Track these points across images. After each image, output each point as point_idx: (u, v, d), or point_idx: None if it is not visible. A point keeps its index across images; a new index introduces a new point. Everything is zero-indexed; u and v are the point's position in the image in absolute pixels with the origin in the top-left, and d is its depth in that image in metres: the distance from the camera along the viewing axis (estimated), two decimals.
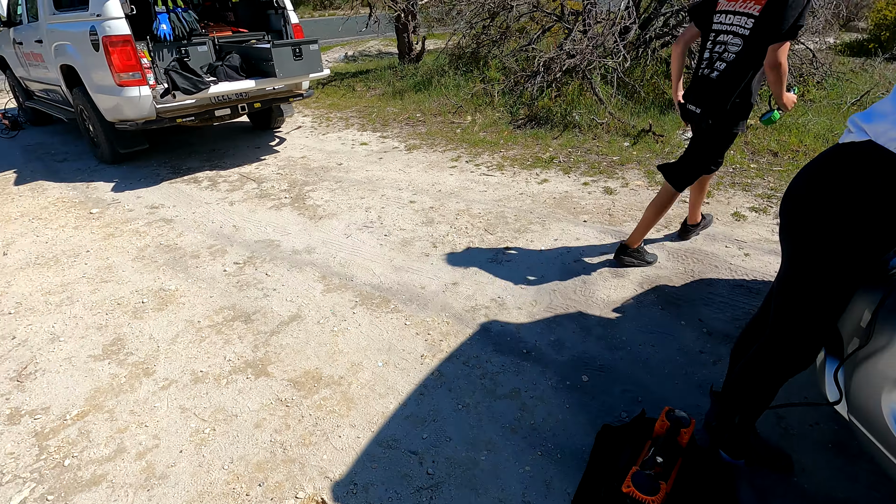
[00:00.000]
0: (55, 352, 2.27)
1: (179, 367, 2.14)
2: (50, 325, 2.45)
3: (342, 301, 2.57)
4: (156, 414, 1.91)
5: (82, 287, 2.78)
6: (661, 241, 2.97)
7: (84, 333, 2.39)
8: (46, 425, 1.87)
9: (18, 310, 2.59)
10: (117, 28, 3.77)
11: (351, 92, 7.60)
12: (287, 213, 3.65)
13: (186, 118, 4.20)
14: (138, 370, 2.14)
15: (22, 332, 2.42)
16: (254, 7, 5.23)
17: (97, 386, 2.06)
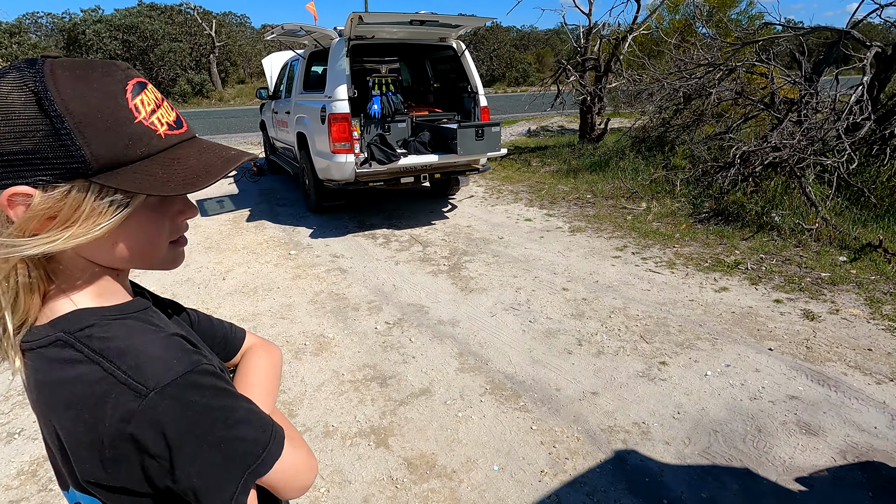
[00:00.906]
0: None
1: (316, 417, 2.33)
2: None
3: (473, 385, 2.53)
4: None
5: (266, 319, 3.27)
6: (877, 395, 2.30)
7: None
8: None
9: None
10: (340, 108, 4.57)
11: (526, 166, 7.87)
12: (442, 280, 3.82)
13: (377, 183, 4.82)
14: (284, 410, 2.38)
15: None
16: (451, 91, 5.86)
17: None
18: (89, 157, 0.49)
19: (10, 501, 1.89)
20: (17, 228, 0.49)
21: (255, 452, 0.56)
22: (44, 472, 2.02)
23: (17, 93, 0.47)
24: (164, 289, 3.74)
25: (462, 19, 4.71)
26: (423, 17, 4.51)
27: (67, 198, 0.49)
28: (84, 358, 0.51)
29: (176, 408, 0.51)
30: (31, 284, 0.52)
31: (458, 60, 5.35)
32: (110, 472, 0.52)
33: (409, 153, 4.87)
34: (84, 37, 23.02)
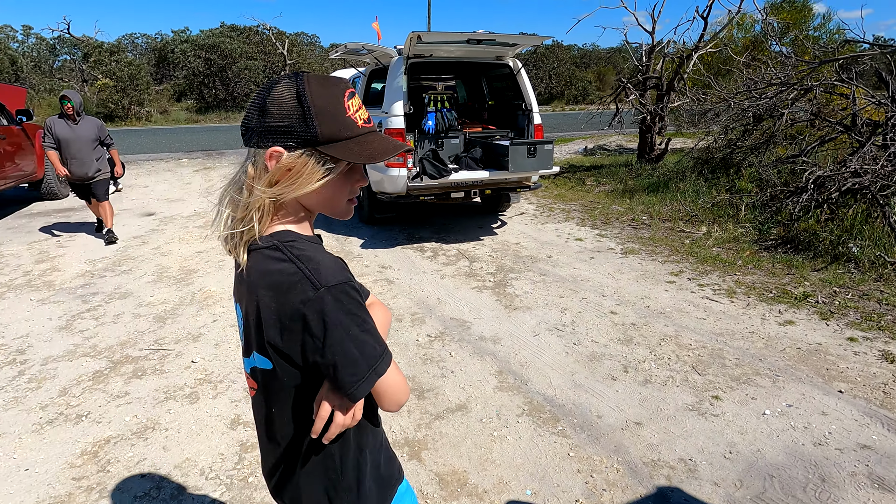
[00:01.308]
0: None
1: None
2: None
3: (510, 404, 2.48)
4: None
5: None
6: None
7: None
8: (249, 439, 2.27)
9: None
10: (396, 123, 4.71)
11: (580, 185, 7.72)
12: (486, 296, 3.80)
13: (428, 197, 4.89)
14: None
15: None
16: (505, 108, 5.89)
17: None
18: (319, 134, 0.78)
19: (73, 478, 2.05)
20: (270, 175, 0.79)
21: (376, 356, 0.79)
22: (103, 454, 2.18)
23: (288, 91, 0.78)
24: (223, 289, 3.96)
25: (519, 38, 4.74)
26: (481, 36, 4.58)
27: (300, 158, 0.79)
28: (286, 258, 0.78)
29: (334, 303, 0.75)
30: (266, 214, 0.81)
31: (513, 78, 5.37)
32: (284, 340, 0.78)
33: (461, 169, 4.92)
34: (172, 55, 25.14)
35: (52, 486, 2.01)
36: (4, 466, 2.11)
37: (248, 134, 0.82)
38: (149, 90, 22.11)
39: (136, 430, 2.34)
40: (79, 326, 3.39)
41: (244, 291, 0.83)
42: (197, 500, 1.94)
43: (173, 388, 2.67)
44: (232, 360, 2.93)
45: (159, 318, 3.50)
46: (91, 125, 4.98)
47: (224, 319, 3.45)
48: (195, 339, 3.19)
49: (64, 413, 2.47)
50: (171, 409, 2.49)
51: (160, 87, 25.60)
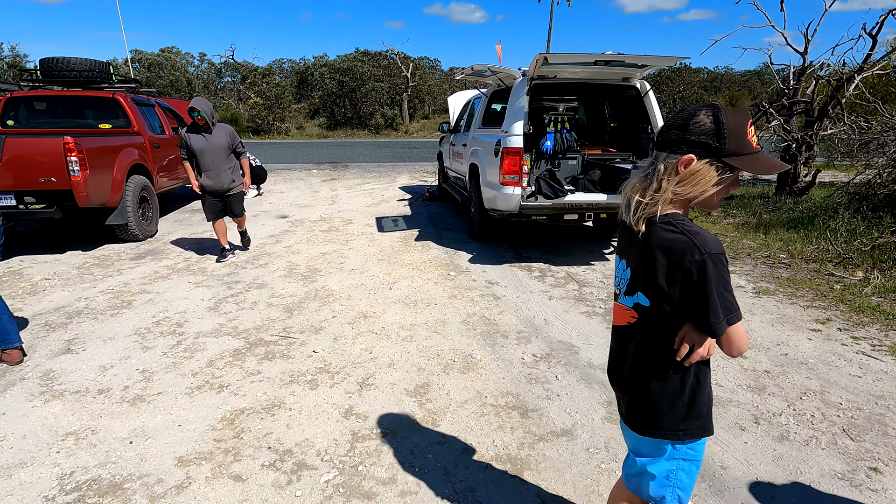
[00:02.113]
0: (388, 375, 2.92)
1: (456, 431, 2.40)
2: (392, 353, 3.18)
3: (620, 438, 2.34)
4: (425, 466, 2.18)
5: (421, 331, 3.50)
6: None
7: (408, 369, 2.98)
8: (361, 430, 2.40)
9: (381, 333, 3.47)
10: (515, 142, 4.76)
11: (704, 216, 7.13)
12: (596, 322, 3.65)
13: (540, 217, 4.86)
14: (429, 419, 2.50)
15: (377, 350, 3.22)
16: (628, 131, 5.67)
17: (399, 416, 2.52)
18: (726, 148, 1.09)
19: (214, 440, 2.33)
20: (680, 175, 1.12)
21: (733, 310, 1.11)
22: (238, 423, 2.45)
23: (707, 116, 1.10)
24: (342, 289, 4.28)
25: (651, 59, 4.56)
26: (609, 57, 4.48)
27: (705, 165, 1.11)
28: (679, 231, 1.12)
29: (713, 266, 1.07)
30: (664, 202, 1.15)
31: (640, 100, 5.17)
32: (668, 286, 1.13)
33: (577, 190, 4.82)
34: (311, 77, 28.06)
35: (198, 443, 2.30)
36: (163, 420, 2.47)
37: (665, 143, 1.14)
38: (289, 108, 24.86)
39: (265, 405, 2.60)
40: (224, 309, 3.87)
41: (636, 250, 1.20)
42: (313, 477, 2.09)
43: (297, 372, 2.93)
44: (348, 355, 3.14)
45: (288, 308, 3.87)
46: (223, 134, 4.76)
47: (343, 317, 3.72)
48: (317, 331, 3.48)
49: (209, 382, 2.82)
50: (295, 391, 2.73)
51: (298, 105, 28.64)
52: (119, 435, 2.35)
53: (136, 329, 3.51)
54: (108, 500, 1.97)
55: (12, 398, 2.66)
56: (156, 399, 2.65)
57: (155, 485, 2.05)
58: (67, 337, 3.39)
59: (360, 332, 3.46)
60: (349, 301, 4.03)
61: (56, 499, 1.97)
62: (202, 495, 1.99)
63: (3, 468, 2.14)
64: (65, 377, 2.87)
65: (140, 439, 2.32)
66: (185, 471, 2.12)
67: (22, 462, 2.18)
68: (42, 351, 3.19)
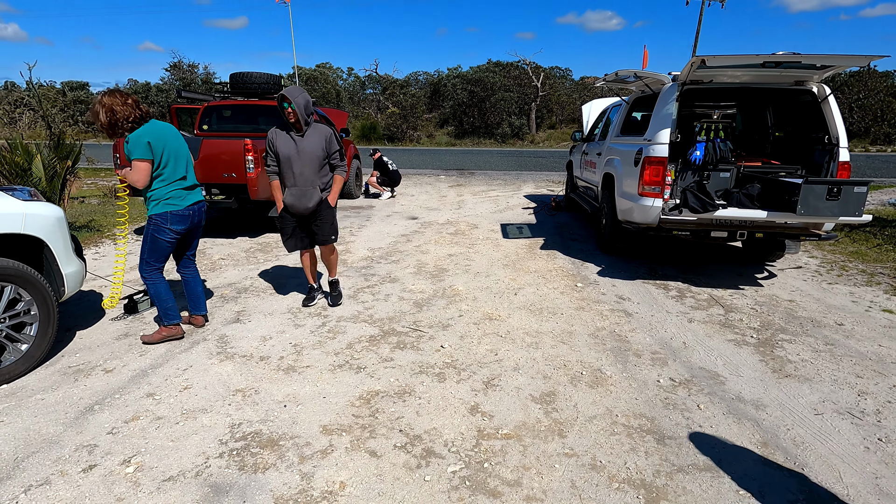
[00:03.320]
0: (513, 379, 2.91)
1: (586, 445, 2.30)
2: (517, 357, 3.16)
3: (779, 486, 2.05)
4: (551, 475, 2.12)
5: (547, 339, 3.43)
6: None
7: (534, 375, 2.94)
8: (486, 428, 2.43)
9: (506, 337, 3.48)
10: (659, 151, 4.45)
11: (890, 244, 5.98)
12: (747, 353, 3.26)
13: (682, 232, 4.47)
14: (556, 428, 2.44)
15: (501, 353, 3.23)
16: (796, 141, 4.99)
17: (525, 420, 2.49)
18: None
19: (353, 415, 2.53)
20: None
21: None
22: (374, 403, 2.63)
23: None
24: (467, 290, 4.37)
25: (834, 59, 3.95)
26: (781, 58, 3.99)
27: None
28: None
29: None
30: None
31: (816, 106, 4.52)
32: None
33: (731, 205, 4.35)
34: (444, 88, 29.28)
35: (339, 416, 2.51)
36: (311, 390, 2.75)
37: None
38: (422, 117, 26.24)
39: (397, 390, 2.75)
40: (361, 298, 4.20)
41: None
42: (441, 466, 2.16)
43: (426, 364, 3.05)
44: (474, 353, 3.20)
45: (417, 303, 4.07)
46: (318, 137, 3.52)
47: (469, 317, 3.80)
48: (444, 327, 3.60)
49: (349, 362, 3.07)
50: (424, 381, 2.85)
51: (430, 115, 30.07)
52: (276, 398, 2.67)
53: (290, 308, 3.95)
54: (267, 452, 2.24)
55: (196, 355, 3.16)
56: (305, 371, 2.96)
57: (304, 447, 2.28)
58: (238, 308, 3.94)
59: (486, 334, 3.51)
60: (475, 302, 4.10)
61: (228, 443, 2.30)
62: (342, 464, 2.17)
63: (191, 411, 2.55)
64: (235, 342, 3.35)
65: (292, 404, 2.61)
66: (329, 439, 2.33)
67: (203, 408, 2.58)
68: (219, 318, 3.75)
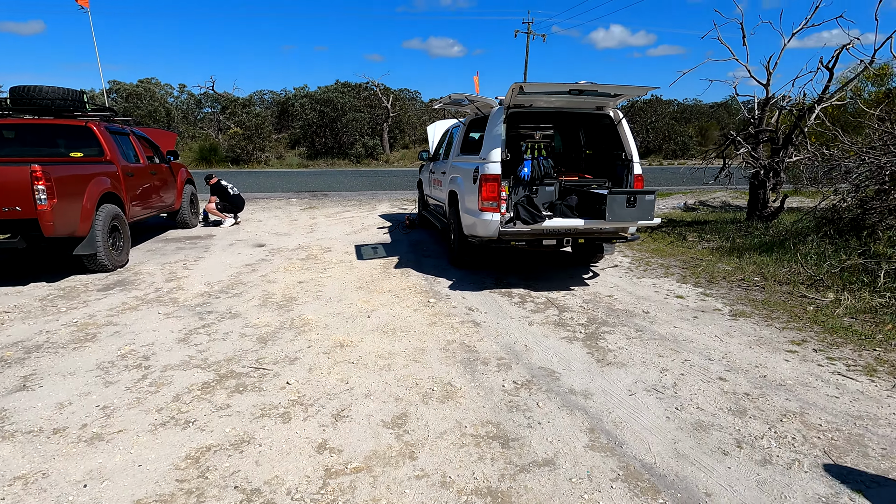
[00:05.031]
0: (364, 406, 2.81)
1: (435, 464, 2.30)
2: (370, 383, 3.08)
3: (603, 466, 2.28)
4: (403, 500, 2.07)
5: (400, 360, 3.41)
6: None
7: (386, 399, 2.89)
8: (334, 465, 2.29)
9: (358, 362, 3.37)
10: (493, 169, 4.80)
11: (680, 241, 7.27)
12: (577, 348, 3.62)
13: (519, 242, 4.87)
14: (407, 451, 2.40)
15: (353, 380, 3.12)
16: (603, 158, 5.80)
17: (376, 449, 2.41)
18: None
19: (176, 480, 2.18)
20: None
21: None
22: (204, 461, 2.31)
23: None
24: (318, 318, 4.17)
25: (621, 89, 4.70)
26: (583, 86, 4.61)
27: None
28: None
29: None
30: None
31: (614, 128, 5.31)
32: None
33: (555, 216, 4.86)
34: (292, 108, 28.23)
35: (159, 485, 2.15)
36: (122, 460, 2.32)
37: None
38: (270, 138, 24.90)
39: (233, 441, 2.47)
40: (194, 340, 3.73)
41: None
42: None
43: (269, 406, 2.80)
44: (324, 385, 3.03)
45: (262, 339, 3.75)
46: None
47: (319, 346, 3.61)
48: (291, 361, 3.36)
49: (175, 418, 2.68)
50: (266, 425, 2.61)
51: (279, 135, 28.70)
52: (73, 478, 2.19)
53: (100, 363, 3.33)
54: None
55: None
56: (115, 437, 2.49)
57: None
58: (24, 373, 3.20)
59: (337, 362, 3.36)
60: (326, 330, 3.92)
61: None
62: None
63: None
64: (17, 416, 2.69)
65: (95, 482, 2.16)
66: None
67: None
68: None
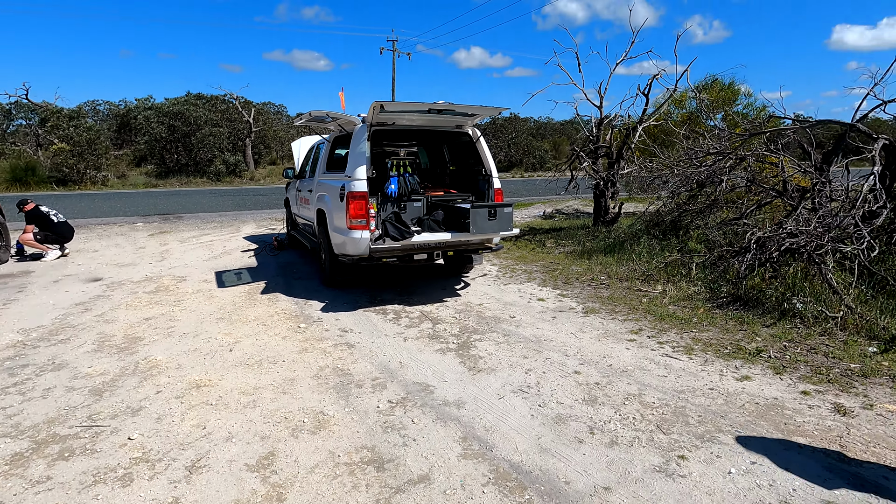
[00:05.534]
0: (225, 451, 2.56)
1: (306, 502, 2.17)
2: (231, 424, 2.82)
3: (475, 473, 2.36)
4: None
5: (267, 394, 3.18)
6: None
7: (251, 440, 2.66)
8: None
9: (218, 403, 3.07)
10: (359, 186, 4.77)
11: (541, 247, 7.93)
12: (450, 359, 3.73)
13: (390, 259, 4.89)
14: (274, 493, 2.24)
15: (212, 424, 2.83)
16: (466, 173, 6.10)
17: (239, 498, 2.21)
18: None
19: None
20: None
21: None
22: None
23: None
24: (169, 358, 3.72)
25: (476, 109, 5.01)
26: (440, 106, 4.82)
27: None
28: None
29: None
30: None
31: (473, 146, 5.62)
32: None
33: (423, 231, 4.98)
34: (135, 121, 25.14)
35: None
36: None
37: None
38: (107, 155, 21.81)
39: None
40: (2, 404, 3.07)
41: None
42: None
43: (104, 469, 2.40)
44: (175, 435, 2.69)
45: (96, 391, 3.22)
46: None
47: (170, 391, 3.21)
48: (135, 413, 2.94)
49: None
50: (100, 494, 2.23)
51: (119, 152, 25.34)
52: None
53: None
54: None
55: None
56: None
57: None
58: None
59: (192, 406, 3.02)
60: (179, 371, 3.51)
61: None
62: None
63: None
64: None
65: None
66: None
67: None
68: None
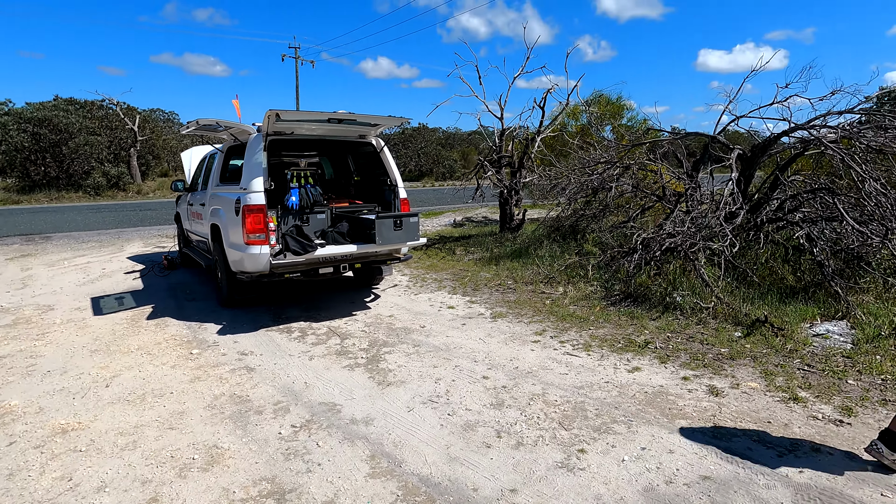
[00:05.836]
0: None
1: None
2: (105, 472, 2.48)
3: (383, 492, 2.29)
4: None
5: (150, 432, 2.85)
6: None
7: (129, 486, 2.36)
8: None
9: (89, 448, 2.69)
10: (256, 199, 4.50)
11: (450, 255, 8.04)
12: (358, 374, 3.61)
13: (294, 274, 4.66)
14: None
15: (80, 474, 2.47)
16: (372, 184, 6.02)
17: None
18: None
19: None
20: None
21: None
22: None
23: None
24: (28, 402, 3.21)
25: (378, 119, 4.97)
26: (341, 115, 4.71)
27: None
28: None
29: None
30: None
31: (377, 156, 5.56)
32: None
33: (328, 244, 4.81)
34: None
35: None
36: None
37: None
38: None
39: None
40: None
41: None
42: None
43: None
44: (30, 493, 2.31)
45: None
46: None
47: (26, 440, 2.76)
48: None
49: None
50: None
51: None
52: None
53: None
54: None
55: None
56: None
57: None
58: None
59: (55, 455, 2.62)
60: (39, 416, 3.04)
61: None
62: None
63: None
64: None
65: None
66: None
67: None
68: None
